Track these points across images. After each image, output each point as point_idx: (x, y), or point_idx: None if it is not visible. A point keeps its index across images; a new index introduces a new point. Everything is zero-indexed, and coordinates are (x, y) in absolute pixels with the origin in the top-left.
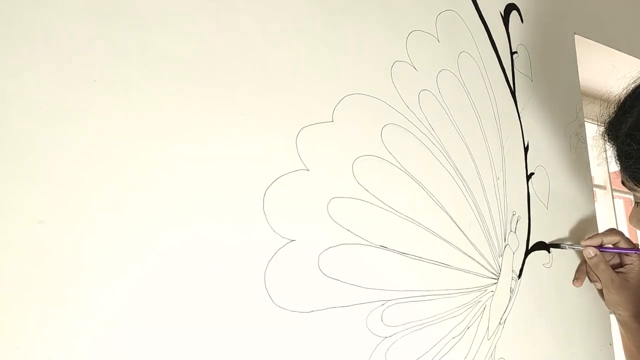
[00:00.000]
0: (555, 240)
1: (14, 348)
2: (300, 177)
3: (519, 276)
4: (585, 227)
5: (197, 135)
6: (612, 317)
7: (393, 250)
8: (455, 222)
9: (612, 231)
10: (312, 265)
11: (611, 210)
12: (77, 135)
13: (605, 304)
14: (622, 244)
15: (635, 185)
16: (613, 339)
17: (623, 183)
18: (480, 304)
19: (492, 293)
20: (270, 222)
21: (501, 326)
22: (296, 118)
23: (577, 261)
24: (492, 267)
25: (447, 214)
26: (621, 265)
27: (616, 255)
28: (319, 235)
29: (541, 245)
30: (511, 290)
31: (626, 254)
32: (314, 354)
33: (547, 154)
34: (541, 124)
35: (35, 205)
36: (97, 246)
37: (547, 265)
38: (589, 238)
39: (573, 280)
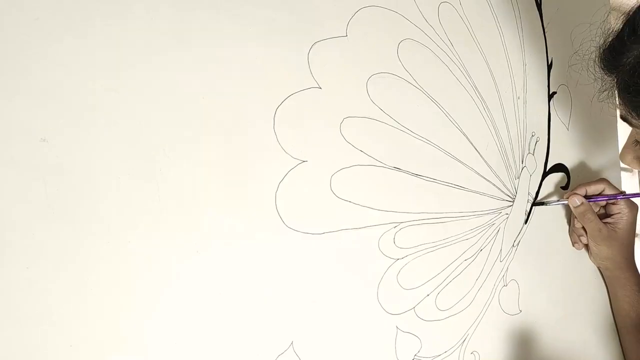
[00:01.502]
0: (574, 166)
1: (23, 268)
2: (312, 96)
3: (535, 199)
4: (606, 149)
5: (203, 50)
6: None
7: (407, 172)
8: (472, 143)
9: (597, 181)
10: (324, 187)
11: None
12: (78, 48)
13: (592, 258)
14: (608, 191)
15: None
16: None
17: (624, 118)
18: (495, 226)
19: (507, 216)
20: (281, 142)
21: (514, 249)
22: (308, 32)
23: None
24: (508, 190)
25: (464, 134)
26: (607, 215)
27: (602, 207)
28: (331, 156)
29: (559, 168)
30: (526, 213)
31: (613, 203)
32: (325, 276)
33: (571, 72)
34: (566, 39)
35: (38, 122)
36: (103, 162)
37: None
38: (572, 191)
39: (573, 244)
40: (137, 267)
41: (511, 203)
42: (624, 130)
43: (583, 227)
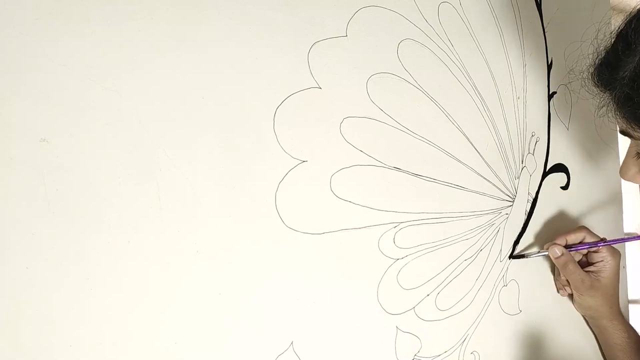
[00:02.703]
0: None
1: (23, 268)
2: (312, 96)
3: (535, 199)
4: (606, 149)
5: (203, 50)
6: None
7: (407, 172)
8: (471, 143)
9: (577, 229)
10: (323, 187)
11: None
12: (78, 48)
13: (576, 307)
14: (589, 239)
15: None
16: (627, 262)
17: (624, 132)
18: (494, 226)
19: (507, 215)
20: (281, 142)
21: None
22: (308, 32)
23: (593, 191)
24: (508, 190)
25: (464, 134)
26: (590, 263)
27: (583, 256)
28: (331, 156)
29: (559, 168)
30: (526, 213)
31: (595, 251)
32: (325, 276)
33: (571, 72)
34: (567, 40)
35: (38, 122)
36: (102, 162)
37: (564, 188)
38: (552, 241)
39: (558, 291)
40: (137, 267)
41: (511, 203)
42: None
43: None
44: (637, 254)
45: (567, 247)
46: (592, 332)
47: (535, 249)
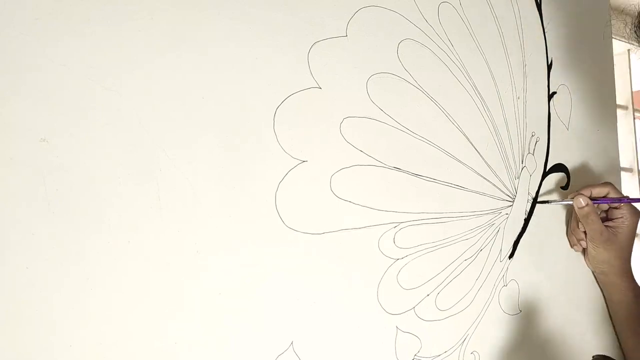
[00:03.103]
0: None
1: (23, 268)
2: (312, 96)
3: (535, 199)
4: (606, 149)
5: (203, 50)
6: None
7: (407, 172)
8: (471, 143)
9: (602, 184)
10: (324, 187)
11: (631, 133)
12: (78, 48)
13: (589, 262)
14: (612, 195)
15: None
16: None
17: None
18: (494, 226)
19: (507, 215)
20: (281, 142)
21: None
22: (308, 32)
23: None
24: (508, 190)
25: (464, 134)
26: (609, 219)
27: (603, 212)
28: (331, 156)
29: (559, 168)
30: (526, 213)
31: (616, 207)
32: (325, 276)
33: (571, 72)
34: (566, 39)
35: (38, 122)
36: (102, 162)
37: (564, 188)
38: (577, 191)
39: (572, 246)
40: (137, 267)
41: (511, 203)
42: (623, 131)
43: (583, 231)
44: (637, 254)
45: (591, 199)
46: (600, 289)
47: (558, 197)
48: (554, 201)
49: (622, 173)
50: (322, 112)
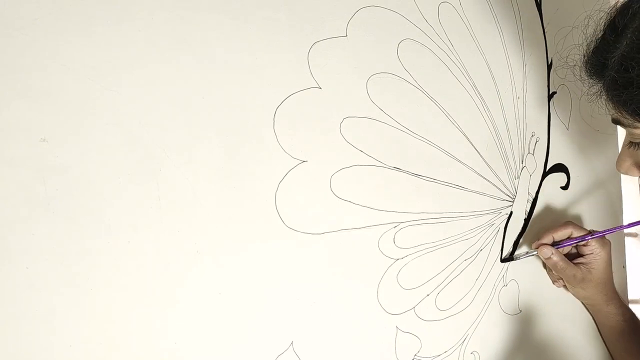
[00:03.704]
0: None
1: (23, 268)
2: (312, 96)
3: (535, 199)
4: (606, 148)
5: (202, 50)
6: (627, 241)
7: (407, 172)
8: (471, 143)
9: (563, 225)
10: (323, 187)
11: None
12: (78, 48)
13: (573, 295)
14: (576, 234)
15: (636, 119)
16: (627, 262)
17: (617, 121)
18: (494, 226)
19: (507, 215)
20: (281, 142)
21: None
22: (308, 32)
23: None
24: (508, 190)
25: (464, 134)
26: (580, 255)
27: (573, 247)
28: (331, 156)
29: (559, 168)
30: (526, 213)
31: (584, 244)
32: (325, 276)
33: (571, 72)
34: (567, 40)
35: (38, 123)
36: (102, 163)
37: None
38: (539, 240)
39: (553, 283)
40: (137, 267)
41: (511, 203)
42: (623, 131)
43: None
44: (637, 254)
45: (554, 244)
46: (590, 315)
47: (524, 250)
48: (519, 256)
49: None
50: (322, 112)
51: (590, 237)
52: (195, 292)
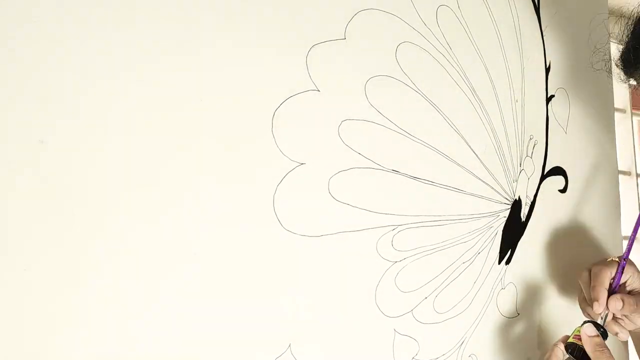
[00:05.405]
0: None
1: (22, 269)
2: (311, 98)
3: (533, 202)
4: (604, 152)
5: (201, 51)
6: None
7: (405, 175)
8: (470, 146)
9: (598, 273)
10: (322, 189)
11: (629, 136)
12: (78, 49)
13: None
14: (612, 271)
15: None
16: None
17: None
18: (492, 229)
19: (505, 219)
20: (279, 144)
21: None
22: (306, 35)
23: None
24: (506, 193)
25: (462, 137)
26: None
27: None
28: (329, 158)
29: (557, 171)
30: (524, 216)
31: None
32: (323, 279)
33: (569, 76)
34: (565, 43)
35: (37, 123)
36: (102, 163)
37: (562, 191)
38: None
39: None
40: (136, 268)
41: (509, 206)
42: (621, 133)
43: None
44: (637, 254)
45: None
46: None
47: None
48: (605, 324)
49: (620, 176)
50: (320, 114)
51: (624, 262)
52: (193, 294)
